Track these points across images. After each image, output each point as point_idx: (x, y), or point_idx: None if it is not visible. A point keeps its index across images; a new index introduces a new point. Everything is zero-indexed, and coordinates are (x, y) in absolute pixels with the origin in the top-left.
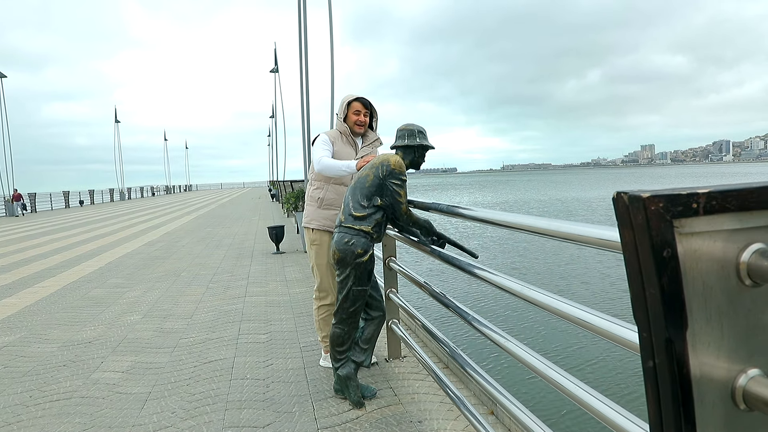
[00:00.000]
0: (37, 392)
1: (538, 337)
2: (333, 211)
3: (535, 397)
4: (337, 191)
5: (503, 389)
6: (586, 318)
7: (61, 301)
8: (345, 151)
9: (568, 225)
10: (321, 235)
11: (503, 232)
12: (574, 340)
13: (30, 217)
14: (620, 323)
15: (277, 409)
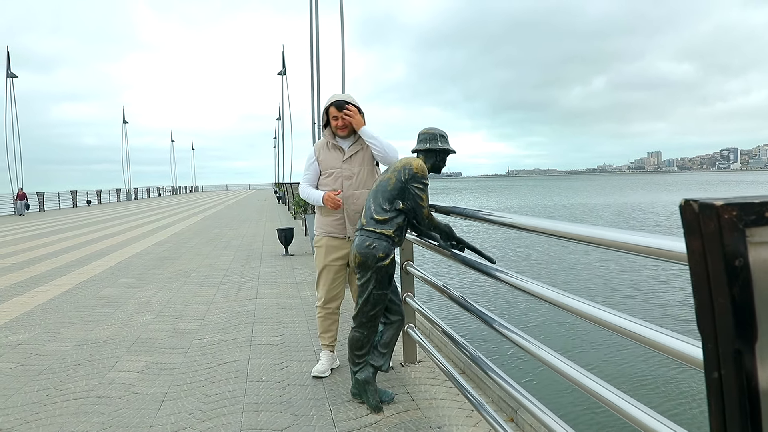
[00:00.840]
0: (54, 391)
1: (563, 341)
2: (332, 217)
3: (559, 402)
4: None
5: (527, 393)
6: (615, 321)
7: (73, 300)
8: (331, 157)
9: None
10: (320, 239)
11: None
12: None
13: (38, 216)
14: (655, 328)
15: (295, 412)
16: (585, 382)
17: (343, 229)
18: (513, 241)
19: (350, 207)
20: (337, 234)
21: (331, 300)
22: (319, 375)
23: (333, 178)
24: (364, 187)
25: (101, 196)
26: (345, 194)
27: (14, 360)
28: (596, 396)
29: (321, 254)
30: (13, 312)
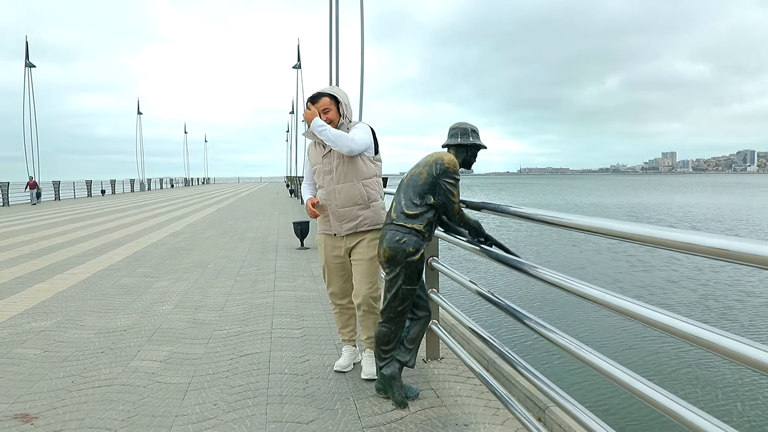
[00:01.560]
0: (79, 378)
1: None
2: (323, 214)
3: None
4: (320, 197)
5: (558, 389)
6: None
7: (93, 288)
8: (315, 153)
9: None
10: (319, 236)
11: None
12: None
13: (53, 204)
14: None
15: (319, 405)
16: (620, 376)
17: (330, 225)
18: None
19: (332, 202)
20: (327, 231)
21: (341, 296)
22: (341, 369)
23: (317, 174)
24: (345, 180)
25: (115, 186)
26: (326, 189)
27: (38, 346)
28: (634, 391)
29: (321, 252)
30: (35, 299)
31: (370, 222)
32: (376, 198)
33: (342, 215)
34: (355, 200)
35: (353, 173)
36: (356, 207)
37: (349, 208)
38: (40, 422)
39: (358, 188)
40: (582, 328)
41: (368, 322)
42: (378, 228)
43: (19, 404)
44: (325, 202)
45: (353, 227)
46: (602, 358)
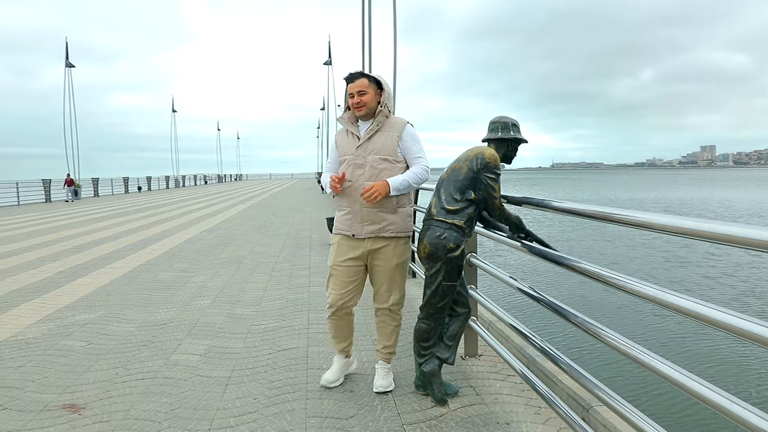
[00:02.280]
0: (122, 370)
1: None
2: (342, 212)
3: (638, 396)
4: (344, 192)
5: (604, 386)
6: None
7: (133, 282)
8: (347, 142)
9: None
10: (334, 236)
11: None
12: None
13: (92, 201)
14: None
15: (358, 401)
16: (670, 373)
17: (350, 226)
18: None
19: (358, 201)
20: (346, 231)
21: (341, 306)
22: (328, 385)
23: (345, 164)
24: (378, 179)
25: (151, 182)
26: (354, 185)
27: (83, 339)
28: (685, 388)
29: (332, 253)
30: (79, 292)
31: (395, 228)
32: (405, 204)
33: (365, 216)
34: (382, 202)
35: (388, 173)
36: (382, 210)
37: (375, 210)
38: (87, 413)
39: None
40: (627, 324)
41: (387, 330)
42: (403, 236)
43: (67, 395)
44: (348, 199)
45: (375, 231)
46: (650, 355)
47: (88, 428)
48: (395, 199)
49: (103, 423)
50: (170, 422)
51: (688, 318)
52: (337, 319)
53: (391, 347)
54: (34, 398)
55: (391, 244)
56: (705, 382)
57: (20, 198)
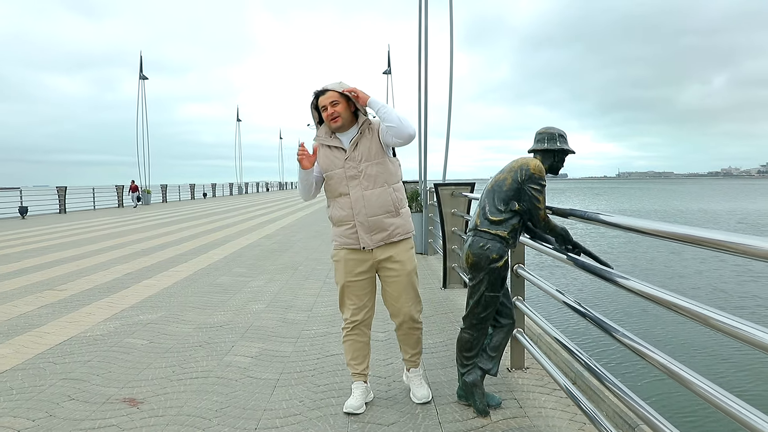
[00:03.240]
0: (179, 368)
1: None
2: (344, 226)
3: (686, 419)
4: (341, 206)
5: (649, 407)
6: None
7: (193, 285)
8: (332, 156)
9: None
10: (337, 252)
11: (638, 241)
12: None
13: (161, 206)
14: None
15: (400, 409)
16: (719, 398)
17: (357, 238)
18: (631, 246)
19: (361, 211)
20: (353, 245)
21: (360, 322)
22: (353, 411)
23: (337, 180)
24: (376, 185)
25: (215, 189)
26: (353, 197)
27: (145, 337)
28: (733, 416)
29: (340, 270)
30: (143, 294)
31: (402, 231)
32: (404, 204)
33: (371, 225)
34: (386, 207)
35: (384, 176)
36: (386, 215)
37: (379, 217)
38: (145, 407)
39: (389, 193)
40: (676, 344)
41: (411, 340)
42: (409, 236)
43: (127, 389)
44: (348, 212)
45: (385, 238)
46: (698, 378)
47: (145, 421)
48: (397, 200)
49: (158, 417)
50: (219, 420)
51: (735, 340)
52: (356, 335)
53: (419, 352)
54: (98, 391)
55: (400, 248)
56: (752, 407)
57: (96, 203)
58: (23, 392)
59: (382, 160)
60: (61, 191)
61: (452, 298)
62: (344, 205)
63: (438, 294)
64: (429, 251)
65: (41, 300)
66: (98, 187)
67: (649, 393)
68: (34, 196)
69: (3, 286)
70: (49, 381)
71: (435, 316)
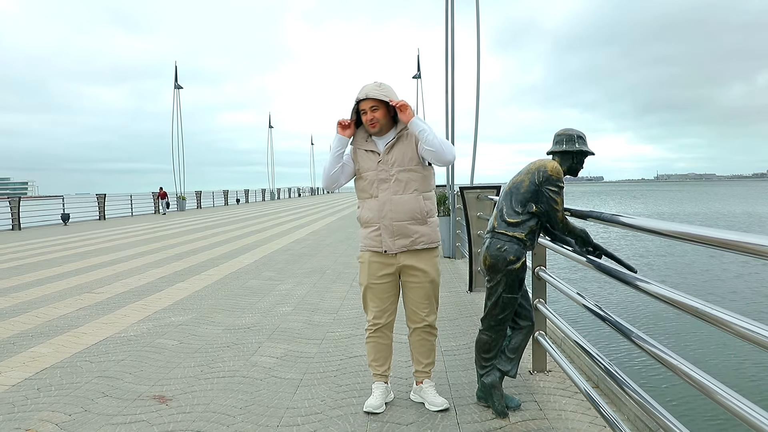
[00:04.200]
0: (207, 368)
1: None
2: (369, 228)
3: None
4: (369, 207)
5: (668, 413)
6: None
7: (224, 288)
8: (367, 158)
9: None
10: (362, 254)
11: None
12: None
13: (195, 212)
14: None
15: (419, 409)
16: (737, 406)
17: (380, 241)
18: (655, 249)
19: (387, 215)
20: (376, 248)
21: (382, 325)
22: (373, 410)
23: (368, 182)
24: (405, 191)
25: (248, 195)
26: (381, 199)
27: (176, 338)
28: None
29: (364, 271)
30: (176, 296)
31: (426, 240)
32: (434, 213)
33: (395, 230)
34: (412, 214)
35: (415, 183)
36: (412, 222)
37: (404, 223)
38: (173, 404)
39: (418, 201)
40: (699, 351)
41: (426, 348)
42: (434, 246)
43: (157, 387)
44: (375, 215)
45: (407, 244)
46: (718, 385)
47: (173, 417)
48: (425, 209)
49: (186, 414)
50: (244, 417)
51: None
52: (379, 337)
53: (432, 363)
54: (130, 388)
55: (423, 257)
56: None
57: (133, 209)
58: (61, 388)
59: (415, 167)
60: (101, 198)
61: (477, 301)
62: (372, 207)
63: (464, 297)
64: (456, 255)
65: (80, 302)
66: (136, 194)
67: (669, 399)
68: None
69: (46, 289)
70: (85, 378)
71: (459, 319)
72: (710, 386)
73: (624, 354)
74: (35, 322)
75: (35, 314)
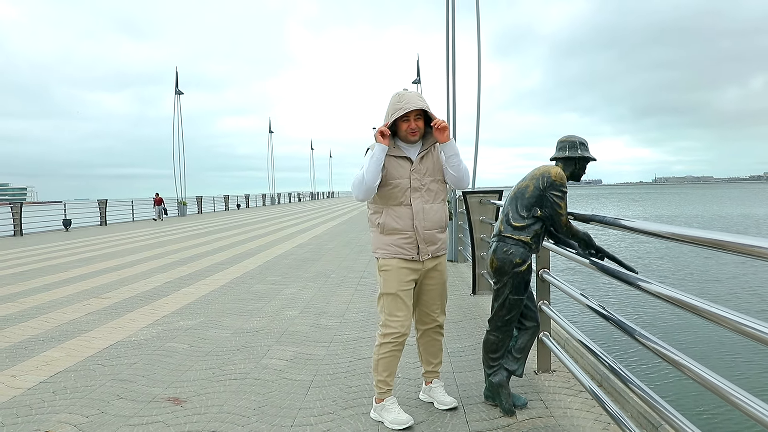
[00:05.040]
0: (218, 371)
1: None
2: (399, 235)
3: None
4: (398, 215)
5: (671, 408)
6: None
7: (230, 293)
8: (397, 166)
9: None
10: (388, 261)
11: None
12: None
13: (196, 217)
14: None
15: (429, 408)
16: (739, 398)
17: (413, 248)
18: (654, 251)
19: (421, 223)
20: (406, 255)
21: (405, 334)
22: (408, 424)
23: (400, 189)
24: (435, 201)
25: (249, 200)
26: (415, 208)
27: (186, 342)
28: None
29: (392, 279)
30: (183, 301)
31: (445, 246)
32: (447, 223)
33: (427, 238)
34: (440, 223)
35: (441, 194)
36: (439, 230)
37: (433, 231)
38: (188, 405)
39: (444, 211)
40: (698, 347)
41: (434, 349)
42: (446, 252)
43: (171, 389)
44: (407, 223)
45: (434, 251)
46: (718, 379)
47: (188, 418)
48: (446, 217)
49: (201, 415)
50: (258, 417)
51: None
52: (398, 347)
53: (441, 362)
54: (144, 390)
55: (441, 261)
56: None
57: (134, 214)
58: (76, 391)
59: (441, 179)
60: (102, 204)
61: (481, 303)
62: (403, 215)
63: (467, 300)
64: (459, 259)
65: (87, 307)
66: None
67: (671, 394)
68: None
69: (53, 294)
70: (99, 381)
71: (464, 321)
72: (711, 380)
73: (626, 352)
74: (45, 327)
75: (44, 319)
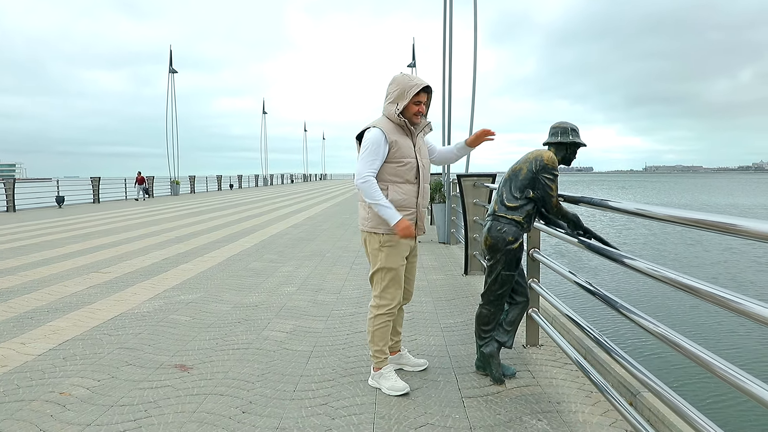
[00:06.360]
0: (221, 341)
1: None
2: (403, 212)
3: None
4: (404, 192)
5: (650, 375)
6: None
7: (228, 269)
8: (406, 144)
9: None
10: (393, 237)
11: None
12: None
13: (189, 197)
14: None
15: (423, 376)
16: (711, 362)
17: (413, 225)
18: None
19: (421, 201)
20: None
21: (398, 304)
22: (407, 390)
23: (408, 168)
24: (427, 181)
25: (242, 180)
26: (421, 186)
27: (187, 314)
28: (723, 377)
29: (395, 255)
30: (182, 276)
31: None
32: None
33: (421, 215)
34: (428, 201)
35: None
36: (426, 209)
37: (424, 210)
38: (194, 372)
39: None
40: (675, 317)
41: (400, 319)
42: None
43: (177, 357)
44: (412, 200)
45: (421, 227)
46: (693, 345)
47: (196, 383)
48: None
49: (207, 380)
50: (262, 383)
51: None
52: (392, 317)
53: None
54: (151, 358)
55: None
56: (739, 369)
57: (127, 193)
58: (85, 358)
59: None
60: (95, 182)
61: (473, 283)
62: (409, 192)
63: (459, 280)
64: (451, 241)
65: (88, 281)
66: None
67: (652, 362)
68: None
69: (53, 268)
70: (106, 349)
71: (456, 300)
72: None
73: (611, 325)
74: (48, 299)
75: (47, 291)
